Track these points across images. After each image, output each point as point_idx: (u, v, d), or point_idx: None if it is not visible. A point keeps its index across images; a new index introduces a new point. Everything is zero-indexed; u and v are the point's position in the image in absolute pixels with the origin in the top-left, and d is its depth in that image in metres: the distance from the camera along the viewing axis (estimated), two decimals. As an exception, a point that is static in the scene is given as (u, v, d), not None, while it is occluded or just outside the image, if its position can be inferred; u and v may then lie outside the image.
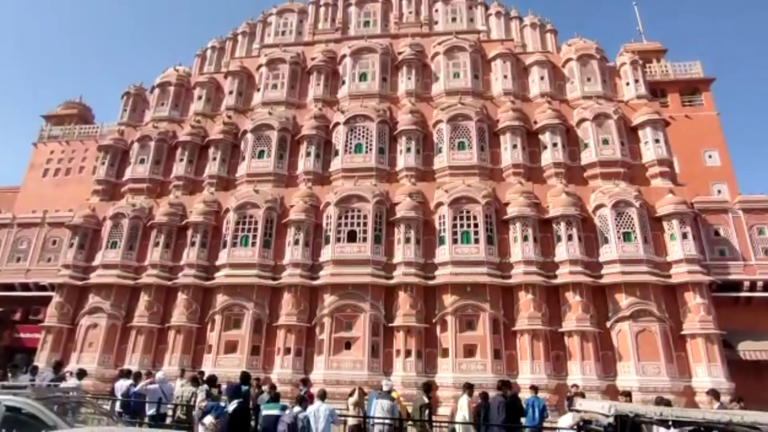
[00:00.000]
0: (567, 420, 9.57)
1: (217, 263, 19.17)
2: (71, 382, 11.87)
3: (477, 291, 17.05)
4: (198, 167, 21.64)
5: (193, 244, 19.52)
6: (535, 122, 19.99)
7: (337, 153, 20.52)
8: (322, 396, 9.47)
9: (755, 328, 17.17)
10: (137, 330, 18.58)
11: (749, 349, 16.69)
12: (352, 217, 18.67)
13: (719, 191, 24.69)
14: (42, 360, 18.39)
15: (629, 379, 15.61)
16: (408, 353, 16.58)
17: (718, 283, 17.35)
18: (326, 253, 18.45)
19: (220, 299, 18.38)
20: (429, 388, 10.82)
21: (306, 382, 13.07)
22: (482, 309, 16.86)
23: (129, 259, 19.94)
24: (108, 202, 21.44)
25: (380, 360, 16.81)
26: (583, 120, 19.71)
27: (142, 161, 21.89)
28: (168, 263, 19.63)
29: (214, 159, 21.32)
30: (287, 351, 17.24)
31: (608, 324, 16.59)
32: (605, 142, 19.12)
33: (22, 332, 22.83)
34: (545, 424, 11.69)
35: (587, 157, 19.21)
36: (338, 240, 18.45)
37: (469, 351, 16.51)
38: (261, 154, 20.92)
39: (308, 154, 20.64)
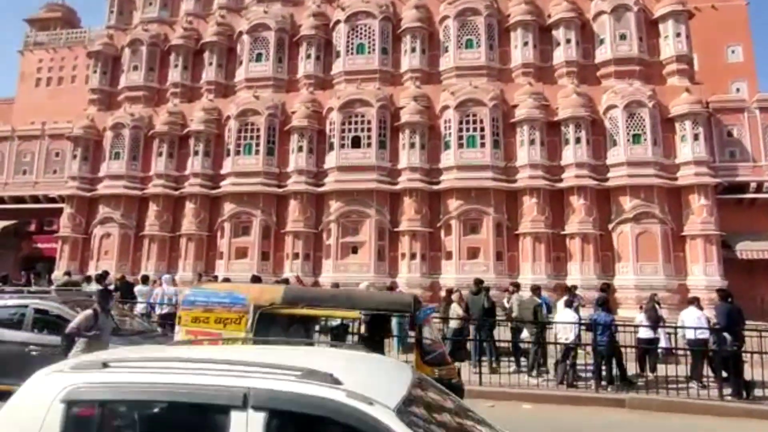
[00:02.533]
0: (566, 315, 10.05)
1: (222, 172, 19.17)
2: (92, 285, 12.52)
3: (481, 195, 17.13)
4: (194, 73, 20.85)
5: (196, 153, 19.39)
6: (549, 16, 18.74)
7: (338, 54, 19.58)
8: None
9: (755, 229, 17.37)
10: (149, 238, 19.13)
11: (747, 249, 17.04)
12: (356, 122, 18.28)
13: (738, 90, 23.66)
14: (62, 267, 19.22)
15: (627, 278, 16.17)
16: (413, 256, 17.09)
17: (724, 185, 17.27)
18: (331, 160, 18.34)
19: (228, 207, 18.64)
20: (538, 288, 11.42)
21: (316, 285, 13.64)
22: (486, 213, 17.05)
23: (134, 169, 19.97)
24: (106, 111, 21.00)
25: (386, 263, 17.38)
26: (600, 13, 18.41)
27: (135, 68, 21.07)
28: (173, 173, 19.67)
29: (210, 64, 20.46)
30: (296, 256, 17.80)
31: (610, 226, 16.82)
32: (622, 37, 18.01)
33: (39, 242, 23.58)
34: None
35: (602, 54, 18.22)
36: (342, 146, 18.23)
37: (473, 253, 16.97)
38: (259, 58, 20.01)
39: (308, 56, 19.71)
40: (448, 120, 17.94)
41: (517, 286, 11.77)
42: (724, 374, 8.90)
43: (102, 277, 13.62)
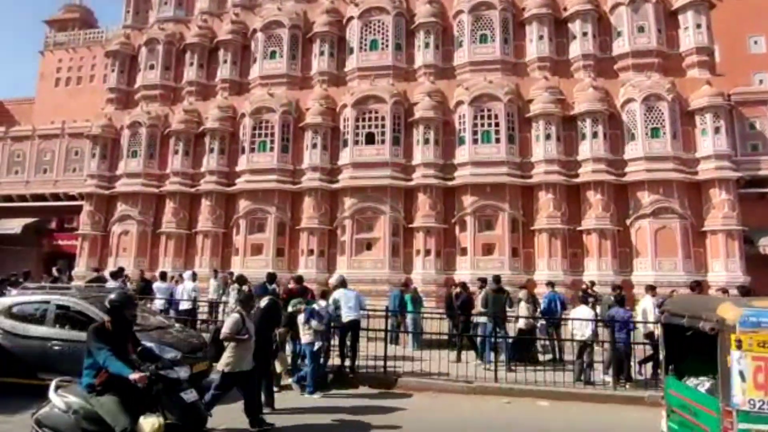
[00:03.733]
0: (582, 312, 9.96)
1: (237, 169, 19.32)
2: (111, 283, 12.75)
3: (496, 191, 17.00)
4: (209, 71, 21.02)
5: (211, 150, 19.56)
6: (565, 9, 18.47)
7: (351, 51, 19.56)
8: (344, 283, 10.26)
9: (779, 224, 16.98)
10: (167, 235, 19.37)
11: (770, 244, 16.68)
12: (370, 119, 18.27)
13: (761, 81, 23.10)
14: (81, 264, 19.59)
15: (645, 274, 15.89)
16: (427, 252, 17.03)
17: (746, 179, 16.90)
18: (345, 157, 18.35)
19: (243, 204, 18.78)
20: (619, 287, 11.39)
21: (344, 283, 13.59)
22: (501, 209, 16.92)
23: (151, 167, 20.22)
24: (123, 110, 21.29)
25: (400, 259, 17.36)
26: (617, 5, 18.07)
27: (151, 67, 21.31)
28: (189, 170, 19.88)
29: (225, 62, 20.60)
30: (310, 252, 17.87)
31: (628, 222, 16.56)
32: (640, 29, 17.67)
33: (60, 240, 24.05)
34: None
35: (619, 47, 17.90)
36: (356, 143, 18.24)
37: (488, 249, 16.86)
38: (273, 55, 20.09)
39: (321, 53, 19.73)
40: (463, 115, 17.82)
41: (484, 281, 11.67)
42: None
43: (117, 274, 13.86)
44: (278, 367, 8.00)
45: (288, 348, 9.11)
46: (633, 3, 17.76)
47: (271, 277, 11.35)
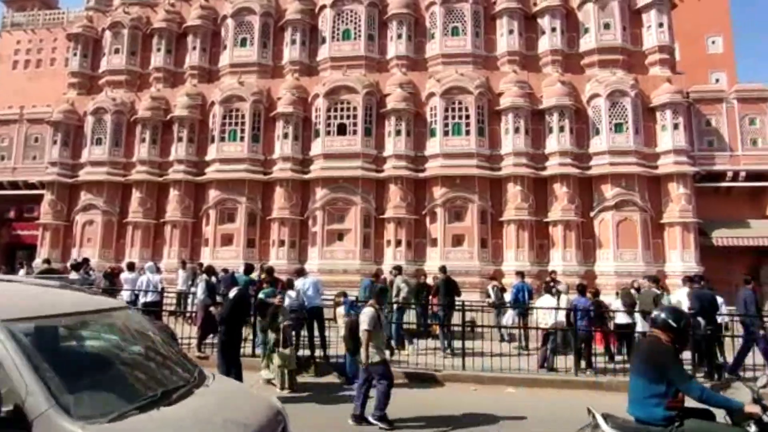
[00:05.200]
0: (546, 301, 10.33)
1: (207, 158, 19.04)
2: (74, 275, 12.44)
3: (466, 183, 17.31)
4: (177, 58, 20.53)
5: (180, 139, 19.18)
6: (535, 4, 18.80)
7: (323, 40, 19.44)
8: (301, 272, 10.73)
9: (731, 217, 17.85)
10: (133, 225, 18.96)
11: (723, 236, 17.53)
12: (342, 109, 18.25)
13: (717, 80, 24.08)
14: (43, 255, 18.97)
15: (607, 264, 16.55)
16: (398, 243, 17.25)
17: (701, 174, 17.69)
18: (316, 147, 18.31)
19: (213, 194, 18.55)
20: (657, 280, 11.66)
21: (302, 272, 13.68)
22: (471, 200, 17.25)
23: (116, 155, 19.69)
24: (86, 96, 20.61)
25: (371, 250, 17.52)
26: (585, 1, 18.49)
27: (116, 51, 20.65)
28: (157, 159, 19.46)
29: (194, 48, 20.16)
30: (281, 243, 17.84)
31: (592, 214, 17.15)
32: (606, 26, 18.17)
33: (19, 230, 23.17)
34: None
35: (586, 43, 18.37)
36: (328, 133, 18.22)
37: (457, 240, 17.19)
38: (243, 43, 19.77)
39: (293, 41, 19.53)
40: (434, 107, 18.00)
41: (399, 270, 11.97)
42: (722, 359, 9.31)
43: (80, 265, 13.52)
44: (277, 361, 7.98)
45: (259, 338, 9.15)
46: (599, 0, 18.22)
47: (248, 268, 11.18)
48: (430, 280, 13.30)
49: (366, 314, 6.41)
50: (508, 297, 12.85)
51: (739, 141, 18.29)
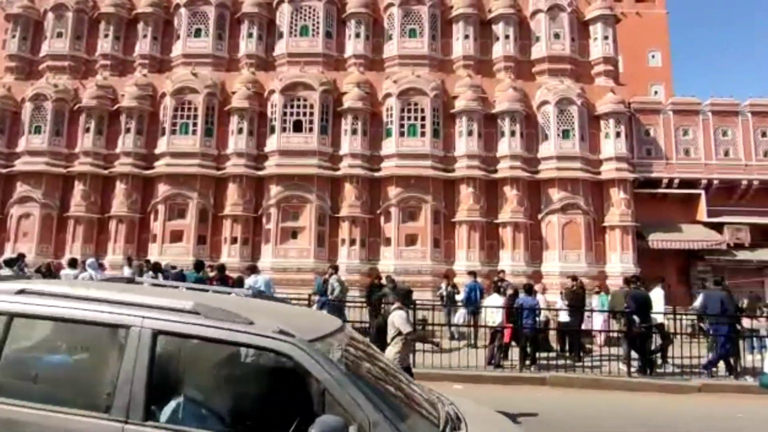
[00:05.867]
0: (494, 300, 10.73)
1: (156, 152, 18.41)
2: (5, 270, 11.75)
3: (421, 183, 17.61)
4: (126, 45, 19.71)
5: (128, 130, 18.45)
6: (490, 11, 19.32)
7: (281, 35, 19.21)
8: (254, 269, 10.66)
9: (665, 221, 19.05)
10: (75, 220, 18.07)
11: (658, 239, 18.67)
12: (298, 106, 18.13)
13: (656, 92, 25.61)
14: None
15: (553, 265, 17.29)
16: (352, 242, 17.34)
17: (640, 180, 18.78)
18: (272, 143, 18.11)
19: (162, 189, 17.97)
20: (576, 278, 12.18)
21: (254, 269, 13.54)
22: (425, 201, 17.57)
23: (57, 145, 18.68)
24: (25, 81, 19.42)
25: (326, 248, 17.52)
26: (537, 11, 19.22)
27: (59, 35, 19.58)
28: (102, 151, 18.61)
29: (145, 36, 19.42)
30: (234, 240, 17.53)
31: (539, 216, 17.86)
32: (556, 36, 18.93)
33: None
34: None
35: (537, 51, 19.08)
36: (284, 130, 18.05)
37: (411, 240, 17.47)
38: (198, 33, 19.23)
39: (250, 35, 19.19)
40: (390, 108, 18.19)
41: (335, 269, 12.27)
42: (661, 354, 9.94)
43: (14, 261, 12.78)
44: None
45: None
46: (551, 11, 18.97)
47: (199, 265, 10.98)
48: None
49: (402, 316, 6.30)
50: (459, 297, 13.22)
51: (674, 150, 19.54)
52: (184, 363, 2.77)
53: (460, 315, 13.05)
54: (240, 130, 18.13)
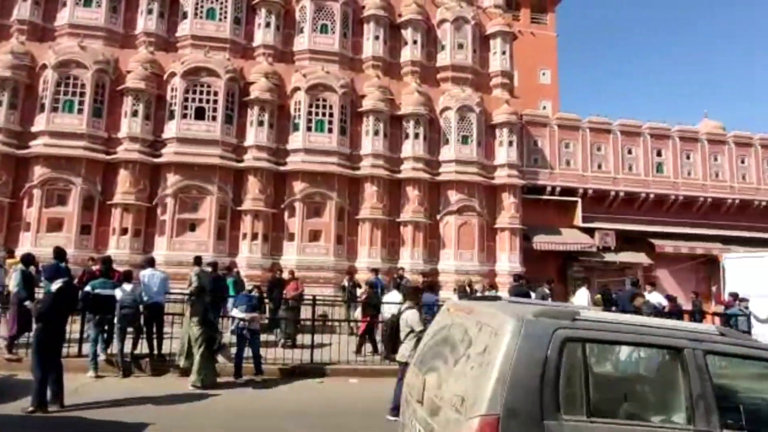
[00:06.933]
0: (394, 296, 11.19)
1: (33, 129, 16.58)
2: None
3: (326, 180, 17.73)
4: (3, 10, 17.45)
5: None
6: (400, 15, 19.90)
7: (185, 15, 18.21)
8: (151, 262, 10.13)
9: (548, 225, 21.06)
10: (-73, 201, 15.74)
11: (541, 241, 20.60)
12: (201, 92, 17.35)
13: (544, 107, 28.04)
14: None
15: (449, 263, 18.35)
16: (255, 237, 17.01)
17: (528, 186, 20.54)
18: (170, 130, 17.15)
19: (39, 171, 16.24)
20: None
21: (152, 262, 12.78)
22: (330, 197, 17.72)
23: None
24: None
25: (226, 242, 17.02)
26: (443, 21, 20.14)
27: None
28: (-36, 124, 16.37)
29: (25, 0, 17.35)
30: (124, 231, 16.37)
31: (438, 216, 18.84)
32: (460, 46, 19.99)
33: None
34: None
35: (442, 59, 20.01)
36: (185, 116, 17.17)
37: (315, 236, 17.55)
38: (88, 2, 17.59)
39: (149, 11, 17.94)
40: (299, 102, 18.07)
41: (198, 261, 11.99)
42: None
43: None
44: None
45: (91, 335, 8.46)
46: (456, 22, 19.99)
47: (59, 253, 9.79)
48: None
49: (415, 315, 6.67)
50: (360, 292, 13.55)
51: (557, 161, 21.62)
52: (713, 375, 3.07)
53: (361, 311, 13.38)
54: (135, 113, 16.92)
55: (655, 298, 11.82)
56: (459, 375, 3.07)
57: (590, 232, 21.43)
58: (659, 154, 22.91)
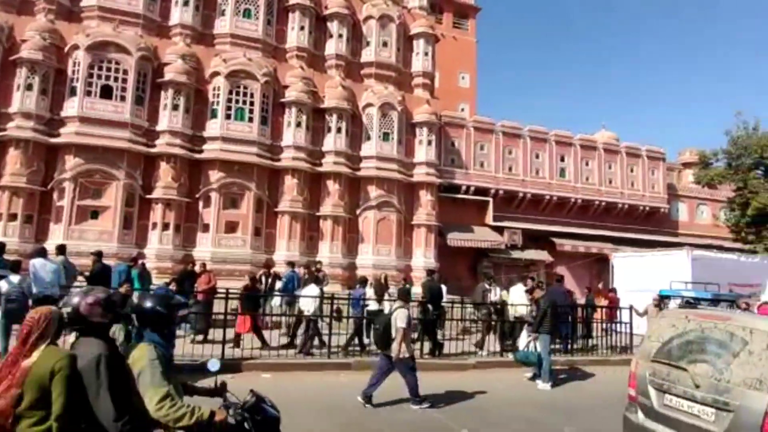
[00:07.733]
0: (311, 290, 11.22)
1: None
2: None
3: (245, 170, 17.26)
4: None
5: None
6: (326, 8, 19.76)
7: (90, -15, 16.77)
8: (43, 252, 9.29)
9: (462, 223, 22.08)
10: None
11: (454, 238, 21.55)
12: (109, 69, 16.14)
13: (462, 109, 29.27)
14: None
15: (367, 258, 18.64)
16: (166, 227, 16.19)
17: (444, 185, 21.36)
18: (71, 107, 15.79)
19: None
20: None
21: (43, 252, 11.73)
22: (248, 188, 17.28)
23: None
24: None
25: (133, 232, 16.04)
26: (369, 17, 20.29)
27: None
28: None
29: None
30: (12, 217, 14.87)
31: (357, 211, 19.05)
32: (384, 44, 20.27)
33: None
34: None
35: (367, 55, 20.18)
36: (89, 94, 15.89)
37: (231, 227, 17.04)
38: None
39: (49, -24, 16.32)
40: (218, 88, 17.39)
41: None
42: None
43: None
44: None
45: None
46: (381, 19, 20.23)
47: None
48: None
49: (403, 313, 7.20)
50: (278, 285, 13.39)
51: (472, 161, 22.69)
52: None
53: (277, 304, 13.24)
54: (29, 86, 15.38)
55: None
56: (744, 364, 3.91)
57: (500, 230, 22.76)
58: (562, 159, 24.82)
